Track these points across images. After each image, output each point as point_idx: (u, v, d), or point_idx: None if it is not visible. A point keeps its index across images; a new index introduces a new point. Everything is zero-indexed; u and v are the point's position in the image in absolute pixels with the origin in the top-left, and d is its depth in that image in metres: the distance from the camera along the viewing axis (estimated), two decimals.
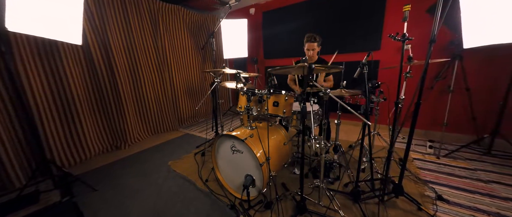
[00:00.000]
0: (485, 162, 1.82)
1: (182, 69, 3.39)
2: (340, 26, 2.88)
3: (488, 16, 1.66)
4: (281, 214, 1.30)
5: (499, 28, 1.61)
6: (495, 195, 1.41)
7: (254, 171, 1.36)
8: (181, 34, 3.30)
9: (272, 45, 3.68)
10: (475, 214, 1.25)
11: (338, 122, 1.51)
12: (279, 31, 3.48)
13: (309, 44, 1.94)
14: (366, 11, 2.64)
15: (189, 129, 3.31)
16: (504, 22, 1.54)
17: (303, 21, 3.19)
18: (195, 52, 3.59)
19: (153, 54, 2.93)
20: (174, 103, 3.29)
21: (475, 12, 1.60)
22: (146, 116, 2.95)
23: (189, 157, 2.27)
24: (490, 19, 1.66)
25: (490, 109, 2.02)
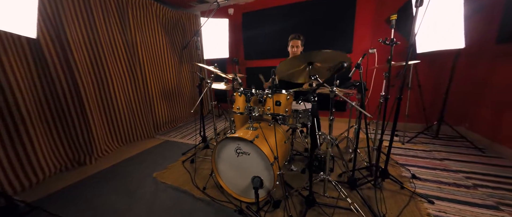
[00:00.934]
0: (435, 144, 2.28)
1: (157, 69, 3.07)
2: (317, 31, 3.12)
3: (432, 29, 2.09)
4: (291, 210, 1.32)
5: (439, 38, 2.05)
6: (448, 169, 1.78)
7: (263, 172, 1.35)
8: (155, 30, 2.99)
9: (252, 47, 3.70)
10: (440, 186, 1.55)
11: (332, 118, 1.64)
12: (260, 33, 3.53)
13: (293, 41, 2.05)
14: (339, 19, 2.95)
15: (167, 136, 3.01)
16: (442, 34, 1.96)
17: (283, 24, 3.32)
18: (171, 51, 3.30)
19: (123, 51, 2.56)
20: (149, 108, 2.94)
21: (423, 26, 1.98)
22: (115, 124, 2.55)
23: (176, 166, 2.07)
24: (433, 31, 2.09)
25: (435, 101, 2.54)
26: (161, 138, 2.92)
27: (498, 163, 1.83)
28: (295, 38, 2.01)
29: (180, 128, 3.38)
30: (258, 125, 1.57)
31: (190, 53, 3.80)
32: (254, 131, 1.49)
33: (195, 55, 3.96)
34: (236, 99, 1.72)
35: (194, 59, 3.94)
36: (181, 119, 3.64)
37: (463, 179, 1.63)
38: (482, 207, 1.32)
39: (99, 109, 2.37)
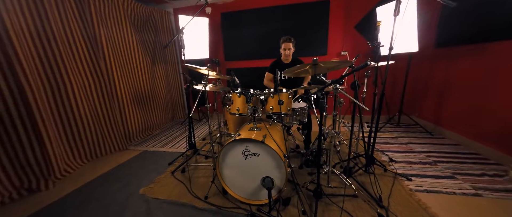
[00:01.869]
0: (399, 131, 2.72)
1: (126, 71, 2.69)
2: (295, 35, 3.30)
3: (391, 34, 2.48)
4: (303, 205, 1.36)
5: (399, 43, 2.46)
6: (413, 150, 2.15)
7: (273, 171, 1.34)
8: (123, 26, 2.61)
9: (233, 47, 3.64)
10: (411, 166, 1.86)
11: (325, 115, 1.77)
12: (240, 34, 3.50)
13: (285, 44, 2.13)
14: (314, 23, 3.20)
15: (144, 146, 2.66)
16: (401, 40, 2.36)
17: (263, 27, 3.38)
18: (143, 51, 2.94)
19: (83, 48, 2.15)
20: (119, 115, 2.54)
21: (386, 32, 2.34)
22: (78, 136, 2.11)
23: (165, 178, 1.85)
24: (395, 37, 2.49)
25: (395, 96, 3.03)
26: (136, 149, 2.56)
27: (444, 142, 2.32)
28: (286, 41, 2.09)
29: (157, 136, 3.04)
30: (264, 125, 1.56)
31: (164, 53, 3.47)
32: (259, 131, 1.47)
33: (170, 56, 3.64)
34: (234, 100, 1.67)
35: (168, 59, 3.61)
36: (157, 126, 3.28)
37: (425, 157, 2.00)
38: (444, 178, 1.65)
39: (54, 119, 1.92)
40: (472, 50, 2.12)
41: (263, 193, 1.41)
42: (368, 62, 0.88)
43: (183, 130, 3.23)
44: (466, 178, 1.62)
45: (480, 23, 2.00)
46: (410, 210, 1.31)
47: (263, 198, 1.42)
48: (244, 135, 1.38)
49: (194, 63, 3.45)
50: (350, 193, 1.44)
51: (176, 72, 3.84)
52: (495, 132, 1.90)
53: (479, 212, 1.28)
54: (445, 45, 2.47)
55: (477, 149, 2.04)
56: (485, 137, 1.99)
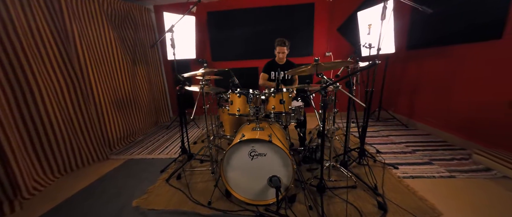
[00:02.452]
0: (379, 125, 2.98)
1: (104, 72, 2.44)
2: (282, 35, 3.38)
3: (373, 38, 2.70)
4: (308, 201, 1.40)
5: None
6: (394, 142, 2.39)
7: (280, 170, 1.35)
8: (98, 22, 2.36)
9: (220, 47, 3.56)
10: (395, 155, 2.06)
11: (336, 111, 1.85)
12: (227, 33, 3.45)
13: (280, 48, 2.17)
14: (301, 25, 3.32)
15: (128, 154, 2.44)
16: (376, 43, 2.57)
17: (250, 27, 3.38)
18: (122, 49, 2.69)
19: (52, 45, 1.89)
20: (97, 121, 2.27)
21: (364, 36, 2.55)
22: (48, 148, 1.84)
23: (160, 187, 1.72)
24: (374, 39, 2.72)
25: (376, 94, 3.31)
26: (119, 158, 2.33)
27: (417, 133, 2.62)
28: (280, 45, 2.15)
29: (141, 142, 2.81)
30: (267, 125, 1.56)
31: (145, 52, 3.22)
32: (262, 131, 1.47)
33: (152, 55, 3.40)
34: (233, 101, 1.64)
35: (150, 59, 3.37)
36: (140, 131, 3.03)
37: (405, 147, 2.23)
38: (423, 164, 1.86)
39: (18, 129, 1.63)
40: (436, 52, 2.45)
41: (269, 193, 1.41)
42: (377, 61, 0.94)
43: (170, 135, 3.04)
44: (440, 163, 1.85)
45: (442, 29, 2.31)
46: (402, 195, 1.45)
47: (270, 198, 1.42)
48: (249, 135, 1.36)
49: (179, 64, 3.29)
50: (349, 185, 1.53)
51: (159, 72, 3.60)
52: (458, 123, 2.22)
53: (456, 191, 1.48)
54: (415, 48, 2.79)
55: (445, 138, 2.35)
56: (451, 127, 2.31)
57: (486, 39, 1.89)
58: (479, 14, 1.93)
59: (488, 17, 1.86)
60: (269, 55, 3.47)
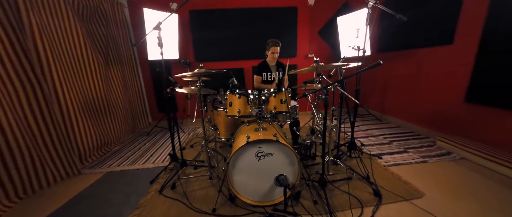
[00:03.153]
0: (358, 121, 3.28)
1: (72, 73, 2.11)
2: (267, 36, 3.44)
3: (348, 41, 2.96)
4: (313, 196, 1.45)
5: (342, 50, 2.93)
6: (373, 135, 2.66)
7: (286, 169, 1.37)
8: (63, 14, 2.03)
9: (204, 48, 3.42)
10: (377, 147, 2.29)
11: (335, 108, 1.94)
12: (212, 33, 3.34)
13: (274, 48, 2.20)
14: (285, 27, 3.43)
15: (106, 166, 2.15)
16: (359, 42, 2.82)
17: (234, 28, 3.35)
18: (92, 48, 2.36)
19: (3, 39, 1.53)
20: (64, 131, 1.94)
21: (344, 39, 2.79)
22: (1, 167, 1.48)
23: (153, 200, 1.57)
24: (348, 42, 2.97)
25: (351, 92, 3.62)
26: (95, 172, 2.03)
27: (390, 126, 2.97)
28: (275, 45, 2.17)
29: (119, 152, 2.50)
30: (269, 125, 1.56)
31: (118, 51, 2.89)
32: (266, 131, 1.47)
33: (126, 54, 3.07)
34: (233, 102, 1.60)
35: (125, 59, 3.04)
36: (116, 140, 2.70)
37: (383, 139, 2.50)
38: (400, 153, 2.12)
39: None
40: (402, 55, 2.82)
41: (276, 192, 1.41)
42: (381, 61, 1.04)
43: (152, 142, 2.79)
44: (414, 151, 2.14)
45: (407, 35, 2.68)
46: (390, 182, 1.62)
47: (276, 197, 1.42)
48: (254, 136, 1.35)
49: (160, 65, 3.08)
50: (346, 177, 1.65)
51: (134, 74, 3.27)
52: (422, 115, 2.59)
53: (430, 173, 1.73)
54: (383, 51, 3.16)
55: (412, 129, 2.73)
56: (416, 119, 2.69)
57: (441, 44, 2.27)
58: (435, 24, 2.30)
59: (442, 26, 2.23)
60: (254, 57, 3.51)
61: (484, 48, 1.88)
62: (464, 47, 2.04)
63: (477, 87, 1.96)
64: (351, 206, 1.35)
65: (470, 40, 1.97)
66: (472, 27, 1.96)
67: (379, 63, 1.00)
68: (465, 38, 2.03)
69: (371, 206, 1.37)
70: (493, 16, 1.79)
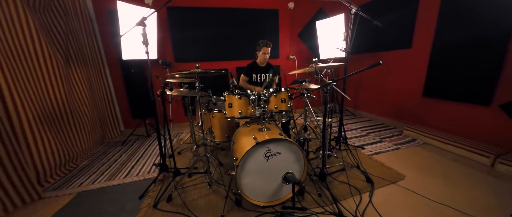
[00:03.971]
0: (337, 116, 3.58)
1: (23, 75, 1.71)
2: (251, 38, 3.46)
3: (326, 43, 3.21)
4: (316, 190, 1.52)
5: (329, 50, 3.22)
6: (352, 128, 2.95)
7: (293, 166, 1.41)
8: (7, 3, 1.62)
9: (184, 47, 3.21)
10: (358, 139, 2.55)
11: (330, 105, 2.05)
12: (192, 33, 3.16)
13: (265, 49, 2.23)
14: (268, 28, 3.50)
15: (75, 186, 1.81)
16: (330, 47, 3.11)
17: (218, 27, 3.25)
18: (49, 44, 1.96)
19: None
20: (16, 147, 1.55)
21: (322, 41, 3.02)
22: None
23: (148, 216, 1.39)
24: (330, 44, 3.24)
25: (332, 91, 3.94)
26: (63, 194, 1.69)
27: (363, 120, 3.34)
28: (266, 45, 2.19)
29: (89, 168, 2.13)
30: (271, 124, 1.57)
31: (81, 49, 2.47)
32: (269, 131, 1.48)
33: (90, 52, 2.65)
34: (233, 103, 1.56)
35: (88, 57, 2.62)
36: (83, 154, 2.30)
37: (361, 131, 2.80)
38: (377, 142, 2.41)
39: None
40: (371, 56, 3.21)
41: (283, 191, 1.44)
42: (380, 61, 1.16)
43: (130, 152, 2.47)
44: (387, 140, 2.46)
45: (375, 40, 3.07)
46: (376, 168, 1.83)
47: (283, 195, 1.44)
48: (261, 137, 1.34)
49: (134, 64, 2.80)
50: (340, 169, 1.79)
51: (101, 75, 2.84)
52: (389, 108, 3.00)
53: (404, 158, 2.01)
54: (355, 53, 3.54)
55: (382, 121, 3.13)
56: (385, 112, 3.09)
57: (403, 48, 2.67)
58: (397, 31, 2.70)
59: (403, 34, 2.64)
60: (238, 57, 3.48)
61: (434, 52, 2.30)
62: (420, 50, 2.46)
63: (431, 83, 2.38)
64: (352, 194, 1.48)
65: (424, 45, 2.38)
66: (425, 34, 2.37)
67: (379, 63, 1.12)
68: (421, 44, 2.45)
69: (366, 192, 1.52)
70: (440, 27, 2.21)
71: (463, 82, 2.08)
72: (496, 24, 1.80)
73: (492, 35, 1.83)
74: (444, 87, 2.26)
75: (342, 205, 1.39)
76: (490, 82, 1.87)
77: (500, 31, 1.77)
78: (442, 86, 2.27)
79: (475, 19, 1.93)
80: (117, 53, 2.86)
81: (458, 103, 2.15)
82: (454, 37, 2.11)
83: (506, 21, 1.73)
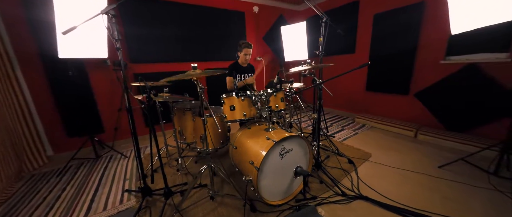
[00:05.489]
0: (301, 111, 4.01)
1: None
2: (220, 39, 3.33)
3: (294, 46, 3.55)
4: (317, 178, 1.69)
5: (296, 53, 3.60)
6: None
7: (301, 159, 1.49)
8: None
9: (141, 46, 2.69)
10: (329, 129, 2.99)
11: (292, 106, 2.22)
12: (151, 29, 2.71)
13: (246, 50, 2.23)
14: (235, 30, 3.47)
15: None
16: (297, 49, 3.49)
17: (182, 25, 2.94)
18: None
19: None
20: None
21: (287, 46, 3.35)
22: None
23: None
24: (294, 48, 3.58)
25: None
26: None
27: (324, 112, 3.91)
28: (248, 47, 2.19)
29: (29, 194, 1.44)
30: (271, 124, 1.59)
31: None
32: (276, 130, 1.51)
33: None
34: (235, 105, 1.50)
35: None
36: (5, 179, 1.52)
37: (325, 123, 3.28)
38: (341, 131, 2.90)
39: None
40: (327, 59, 3.82)
41: (294, 185, 1.50)
42: (369, 62, 1.42)
43: (78, 183, 1.86)
44: (347, 127, 3.01)
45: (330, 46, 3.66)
46: (350, 151, 2.21)
47: (294, 189, 1.51)
48: (275, 136, 1.36)
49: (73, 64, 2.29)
50: (325, 156, 2.05)
51: (10, 80, 1.97)
52: (342, 102, 3.67)
53: (363, 140, 2.53)
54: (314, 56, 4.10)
55: (337, 113, 3.78)
56: (339, 105, 3.75)
57: (349, 53, 3.35)
58: (344, 40, 3.36)
59: (349, 42, 3.30)
60: (206, 59, 3.29)
61: (372, 57, 3.02)
62: (362, 56, 3.16)
63: (371, 80, 3.11)
64: (343, 175, 1.73)
65: (364, 51, 3.09)
66: (364, 44, 3.08)
67: (368, 64, 1.38)
68: (362, 50, 3.15)
69: (352, 171, 1.82)
70: (374, 39, 2.94)
71: (392, 79, 2.85)
72: (407, 42, 2.58)
73: (406, 49, 2.61)
74: (380, 83, 3.01)
75: (342, 185, 1.61)
76: (407, 79, 2.66)
77: (410, 47, 2.57)
78: (379, 82, 3.02)
79: (395, 37, 2.71)
80: (44, 49, 2.07)
81: (390, 94, 2.93)
82: (383, 47, 2.86)
83: (413, 40, 2.53)
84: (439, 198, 1.44)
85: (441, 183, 1.60)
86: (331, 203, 1.44)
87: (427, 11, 2.40)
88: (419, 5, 2.42)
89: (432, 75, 2.46)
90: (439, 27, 2.32)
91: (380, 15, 2.85)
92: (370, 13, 2.97)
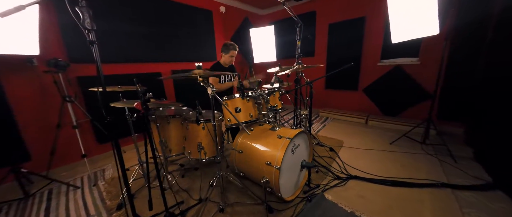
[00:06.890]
0: None
1: None
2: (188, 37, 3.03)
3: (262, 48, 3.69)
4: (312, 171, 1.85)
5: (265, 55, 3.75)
6: (291, 117, 3.69)
7: (305, 152, 1.60)
8: None
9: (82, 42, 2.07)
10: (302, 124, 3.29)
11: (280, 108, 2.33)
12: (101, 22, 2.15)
13: (233, 52, 2.18)
14: (203, 29, 3.26)
15: None
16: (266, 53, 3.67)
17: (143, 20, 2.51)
18: None
19: None
20: None
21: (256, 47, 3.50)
22: None
23: None
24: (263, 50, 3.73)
25: None
26: None
27: (290, 111, 4.27)
28: (234, 49, 2.14)
29: None
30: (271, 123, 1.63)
31: None
32: (281, 128, 1.56)
33: None
34: (241, 107, 1.46)
35: None
36: None
37: None
38: (312, 125, 3.28)
39: None
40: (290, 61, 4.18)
41: (300, 178, 1.60)
42: (352, 63, 1.67)
43: None
44: (315, 121, 3.42)
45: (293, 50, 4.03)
46: (327, 141, 2.54)
47: (300, 183, 1.61)
48: (286, 134, 1.40)
49: None
50: None
51: None
52: None
53: (333, 129, 2.96)
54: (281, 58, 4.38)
55: None
56: None
57: (309, 56, 3.82)
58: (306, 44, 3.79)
59: (308, 47, 3.76)
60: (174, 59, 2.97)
61: (328, 60, 3.57)
62: (320, 58, 3.67)
63: (328, 79, 3.67)
64: (334, 159, 1.99)
65: (322, 55, 3.61)
66: (322, 49, 3.60)
67: (351, 64, 1.65)
68: (319, 54, 3.66)
69: (336, 156, 2.11)
70: (329, 45, 3.48)
71: (345, 78, 3.46)
72: (355, 48, 3.22)
73: (354, 56, 3.25)
74: (336, 81, 3.59)
75: (334, 168, 1.84)
76: (356, 78, 3.32)
77: (357, 51, 3.22)
78: (335, 81, 3.60)
79: (346, 43, 3.32)
80: None
81: (344, 90, 3.55)
82: (337, 51, 3.44)
83: (358, 47, 3.18)
84: (399, 166, 1.90)
85: (396, 155, 2.11)
86: (332, 187, 1.62)
87: (367, 24, 3.08)
88: (361, 18, 3.08)
89: (373, 74, 3.18)
90: (375, 37, 3.03)
91: (334, 24, 3.42)
92: (325, 22, 3.50)
